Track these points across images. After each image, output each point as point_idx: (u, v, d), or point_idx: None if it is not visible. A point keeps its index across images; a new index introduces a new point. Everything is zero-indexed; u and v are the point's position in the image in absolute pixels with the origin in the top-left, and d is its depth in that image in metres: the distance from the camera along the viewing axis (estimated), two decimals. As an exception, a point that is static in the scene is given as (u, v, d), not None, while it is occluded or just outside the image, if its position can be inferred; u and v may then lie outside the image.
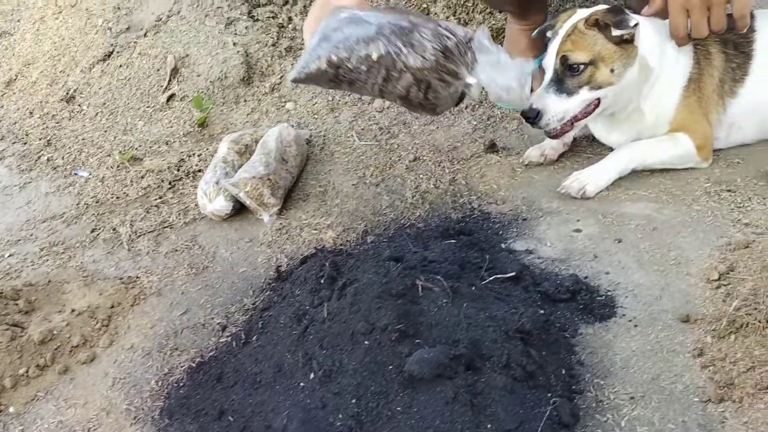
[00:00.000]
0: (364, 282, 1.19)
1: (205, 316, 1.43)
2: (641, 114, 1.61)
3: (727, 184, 1.54)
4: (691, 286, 1.28)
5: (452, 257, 1.36)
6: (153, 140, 2.11)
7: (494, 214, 1.58)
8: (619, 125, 1.65)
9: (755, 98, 1.60)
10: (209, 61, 2.22)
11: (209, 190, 1.66)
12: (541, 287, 1.31)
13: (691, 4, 1.44)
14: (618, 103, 1.57)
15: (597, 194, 1.57)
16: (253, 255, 1.57)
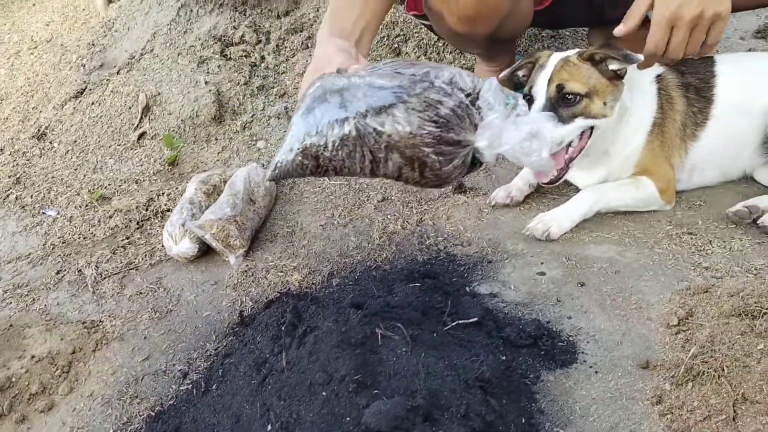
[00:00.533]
0: (323, 330, 1.18)
1: (166, 362, 1.41)
2: (609, 156, 1.63)
3: (688, 227, 1.56)
4: (652, 332, 1.29)
5: (416, 302, 1.36)
6: (123, 179, 2.10)
7: (460, 256, 1.59)
8: (588, 166, 1.67)
9: (716, 142, 1.63)
10: (181, 100, 2.23)
11: (175, 231, 1.65)
12: (504, 332, 1.31)
13: (682, 21, 1.38)
14: (605, 138, 1.58)
15: (561, 236, 1.58)
16: (218, 298, 1.56)
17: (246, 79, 2.30)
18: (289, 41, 2.39)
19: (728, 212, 1.54)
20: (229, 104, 2.24)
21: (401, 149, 1.11)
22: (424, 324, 1.27)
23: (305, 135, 1.12)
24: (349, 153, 1.12)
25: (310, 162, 1.14)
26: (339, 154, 1.11)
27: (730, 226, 1.54)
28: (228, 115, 2.22)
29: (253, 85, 2.29)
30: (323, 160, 1.13)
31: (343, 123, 1.10)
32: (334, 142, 1.11)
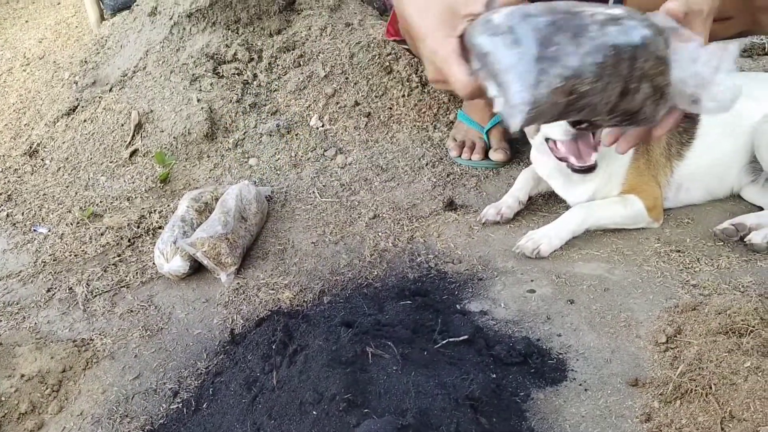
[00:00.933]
0: (314, 349, 1.18)
1: (157, 380, 1.41)
2: (595, 173, 1.65)
3: (676, 245, 1.57)
4: (641, 349, 1.30)
5: (406, 320, 1.36)
6: (114, 196, 2.10)
7: (450, 273, 1.60)
8: (577, 183, 1.68)
9: (702, 161, 1.65)
10: (173, 117, 2.24)
11: (166, 249, 1.65)
12: (494, 350, 1.31)
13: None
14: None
15: (551, 254, 1.59)
16: (209, 316, 1.56)
17: (238, 97, 2.31)
18: (281, 59, 2.41)
19: (716, 230, 1.56)
20: (221, 122, 2.25)
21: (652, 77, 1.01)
22: (414, 342, 1.27)
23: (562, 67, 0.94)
24: (605, 86, 0.98)
25: (563, 100, 0.97)
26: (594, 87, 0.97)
27: (717, 244, 1.56)
28: (220, 132, 2.23)
29: (245, 103, 2.30)
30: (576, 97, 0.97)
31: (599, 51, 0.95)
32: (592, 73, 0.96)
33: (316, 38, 2.45)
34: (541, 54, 0.93)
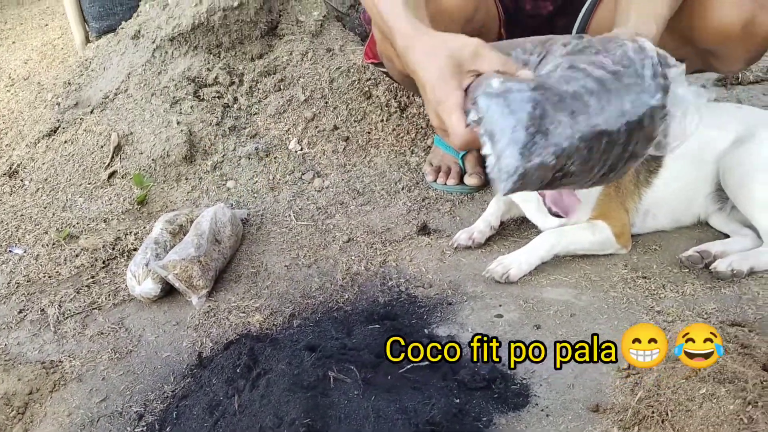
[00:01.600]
0: (277, 373, 1.19)
1: (123, 403, 1.41)
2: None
3: (643, 271, 1.59)
4: (603, 375, 1.31)
5: (373, 344, 1.37)
6: (91, 217, 2.11)
7: (420, 297, 1.61)
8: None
9: (669, 189, 1.68)
10: (152, 139, 2.25)
11: (138, 271, 1.66)
12: (459, 375, 1.32)
13: None
14: None
15: (520, 279, 1.61)
16: (179, 339, 1.57)
17: (218, 120, 2.33)
18: (262, 83, 2.43)
19: (681, 257, 1.58)
20: (200, 144, 2.27)
21: (639, 156, 1.06)
22: (379, 366, 1.28)
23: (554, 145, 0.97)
24: (593, 166, 1.03)
25: (551, 174, 1.00)
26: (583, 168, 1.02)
27: (683, 271, 1.58)
28: (199, 155, 2.25)
29: (225, 126, 2.32)
30: (563, 174, 1.01)
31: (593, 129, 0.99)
32: (582, 156, 1.00)
33: (297, 63, 2.48)
34: (536, 127, 0.96)
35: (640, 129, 1.02)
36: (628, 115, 1.00)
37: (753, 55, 1.59)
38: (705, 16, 1.48)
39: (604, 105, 0.99)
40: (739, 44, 1.52)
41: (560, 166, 0.98)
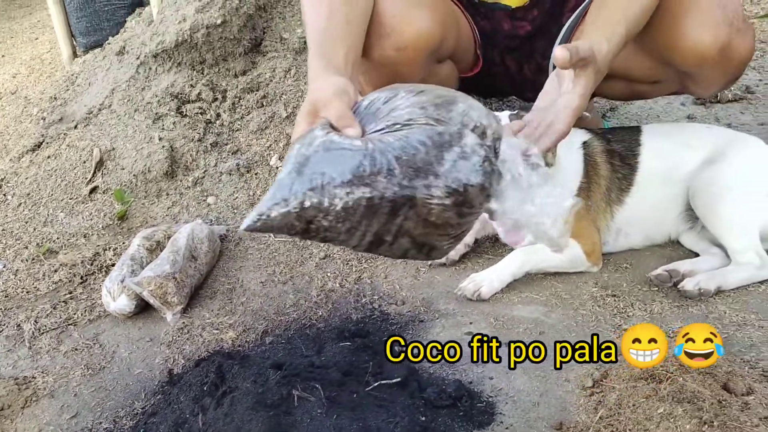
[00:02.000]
0: (242, 391, 1.20)
1: (93, 420, 1.41)
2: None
3: (612, 289, 1.61)
4: (568, 393, 1.32)
5: (341, 362, 1.38)
6: (72, 233, 2.12)
7: (393, 315, 1.62)
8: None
9: (640, 207, 1.70)
10: (134, 155, 2.27)
11: (113, 288, 1.67)
12: (425, 393, 1.33)
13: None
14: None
15: (492, 296, 1.62)
16: (152, 355, 1.58)
17: (200, 136, 2.35)
18: (244, 100, 2.45)
19: (650, 276, 1.60)
20: (182, 160, 2.28)
21: (413, 235, 0.98)
22: (345, 384, 1.29)
23: (307, 192, 0.93)
24: (349, 228, 0.95)
25: (301, 224, 0.94)
26: (338, 225, 0.95)
27: (652, 289, 1.59)
28: (180, 170, 2.26)
29: (206, 142, 2.34)
30: (317, 227, 0.95)
31: (355, 190, 0.93)
32: (338, 212, 0.93)
33: (280, 80, 2.50)
34: (296, 178, 0.94)
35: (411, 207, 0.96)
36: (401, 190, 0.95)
37: (729, 79, 1.61)
38: (682, 39, 1.50)
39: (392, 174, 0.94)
40: (716, 67, 1.54)
41: (309, 218, 0.94)
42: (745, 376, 1.27)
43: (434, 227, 0.98)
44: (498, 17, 1.84)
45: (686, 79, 1.63)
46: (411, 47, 1.60)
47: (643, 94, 1.79)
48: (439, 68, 1.80)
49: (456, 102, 1.02)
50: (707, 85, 1.65)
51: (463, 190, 0.96)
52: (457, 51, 1.79)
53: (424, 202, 0.95)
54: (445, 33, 1.68)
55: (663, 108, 2.63)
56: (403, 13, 1.59)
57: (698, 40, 1.49)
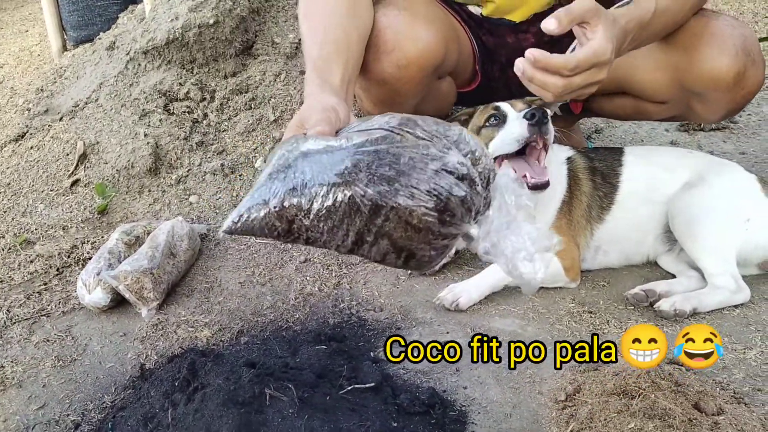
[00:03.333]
0: (213, 387, 1.19)
1: (61, 411, 1.39)
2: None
3: (589, 306, 1.62)
4: (541, 406, 1.32)
5: (316, 364, 1.38)
6: (50, 224, 2.10)
7: (370, 321, 1.62)
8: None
9: (620, 226, 1.72)
10: (118, 150, 2.26)
11: (89, 280, 1.65)
12: (399, 399, 1.33)
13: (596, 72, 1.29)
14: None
15: (469, 307, 1.63)
16: (124, 350, 1.56)
17: (186, 134, 2.34)
18: (233, 101, 2.45)
19: (627, 294, 1.61)
20: (166, 157, 2.27)
21: (394, 238, 0.98)
22: (318, 386, 1.28)
23: (287, 192, 0.94)
24: (331, 227, 0.96)
25: (283, 225, 0.96)
26: (320, 225, 0.96)
27: (628, 308, 1.61)
28: (164, 168, 2.25)
29: (192, 141, 2.33)
30: (298, 227, 0.96)
31: (336, 189, 0.95)
32: (319, 210, 0.95)
33: (270, 83, 2.50)
34: (276, 179, 0.96)
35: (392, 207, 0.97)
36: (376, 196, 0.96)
37: (735, 107, 1.65)
38: (702, 61, 1.56)
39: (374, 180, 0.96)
40: (727, 93, 1.59)
41: (290, 217, 0.95)
42: (716, 397, 1.28)
43: (415, 231, 0.99)
44: (502, 32, 1.86)
45: (694, 102, 1.66)
46: (414, 65, 1.61)
47: (646, 114, 1.82)
48: (438, 84, 1.81)
49: (452, 128, 1.05)
50: (713, 110, 1.67)
51: (445, 199, 0.98)
52: (457, 67, 1.80)
53: (406, 203, 0.96)
54: (447, 50, 1.69)
55: (647, 133, 2.66)
56: (407, 30, 1.59)
57: (717, 63, 1.54)
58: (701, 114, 1.71)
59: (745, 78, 1.56)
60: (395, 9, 1.59)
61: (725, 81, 1.55)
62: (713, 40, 1.55)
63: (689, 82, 1.60)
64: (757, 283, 1.65)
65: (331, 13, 1.42)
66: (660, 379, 1.27)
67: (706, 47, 1.55)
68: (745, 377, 1.36)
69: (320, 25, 1.40)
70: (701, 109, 1.68)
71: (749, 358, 1.42)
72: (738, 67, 1.54)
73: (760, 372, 1.37)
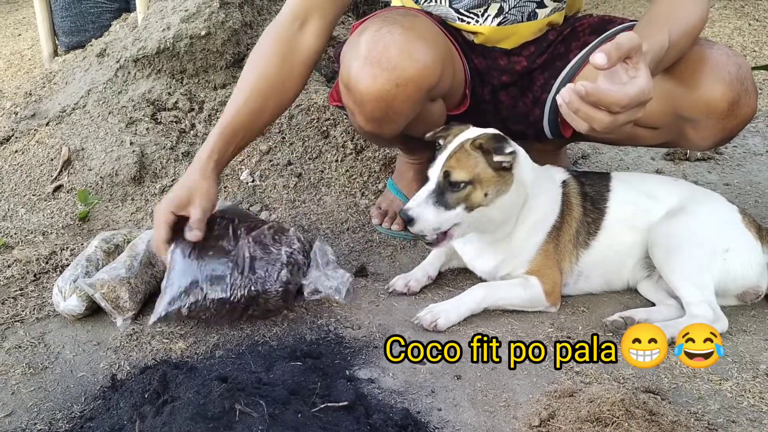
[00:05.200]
0: (183, 401, 1.17)
1: (28, 420, 1.37)
2: (509, 242, 1.69)
3: (568, 331, 1.61)
4: (515, 430, 1.31)
5: (290, 381, 1.36)
6: (30, 229, 2.08)
7: (348, 338, 1.61)
8: (486, 251, 1.72)
9: (604, 252, 1.72)
10: (103, 157, 2.24)
11: (65, 287, 1.63)
12: (372, 419, 1.31)
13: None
14: (486, 224, 1.65)
15: (448, 328, 1.62)
16: (97, 359, 1.54)
17: (173, 144, 2.33)
18: (221, 112, 2.44)
19: (606, 321, 1.61)
20: (151, 166, 2.26)
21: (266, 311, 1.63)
22: (290, 403, 1.26)
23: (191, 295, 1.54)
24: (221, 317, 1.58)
25: (188, 318, 1.59)
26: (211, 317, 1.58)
27: (606, 334, 1.60)
28: (148, 177, 2.24)
29: (178, 150, 2.32)
30: (198, 317, 1.58)
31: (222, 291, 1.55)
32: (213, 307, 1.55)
33: (259, 96, 2.50)
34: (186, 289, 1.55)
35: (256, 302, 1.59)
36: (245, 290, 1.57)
37: (727, 135, 1.67)
38: (697, 88, 1.58)
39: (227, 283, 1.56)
40: (721, 120, 1.61)
41: (195, 315, 1.57)
42: (690, 427, 1.28)
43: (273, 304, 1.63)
44: (494, 55, 1.89)
45: (687, 129, 1.67)
46: (412, 83, 1.62)
47: (638, 140, 1.82)
48: (431, 107, 1.81)
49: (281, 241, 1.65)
50: (705, 137, 1.68)
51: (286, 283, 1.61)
52: (449, 90, 1.81)
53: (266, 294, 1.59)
54: (444, 72, 1.70)
55: (633, 161, 2.68)
56: (408, 49, 1.61)
57: (712, 91, 1.57)
58: (693, 140, 1.72)
59: (739, 106, 1.58)
60: (400, 28, 1.61)
61: (720, 109, 1.58)
62: (708, 68, 1.58)
63: (684, 109, 1.62)
64: (735, 314, 1.65)
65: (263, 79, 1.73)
66: (634, 407, 1.27)
67: (701, 75, 1.57)
68: (720, 408, 1.36)
69: (240, 98, 1.73)
70: (694, 136, 1.69)
71: (725, 389, 1.41)
72: (732, 95, 1.57)
73: (735, 404, 1.37)
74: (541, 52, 1.88)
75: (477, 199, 1.58)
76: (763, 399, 1.38)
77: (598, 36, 1.82)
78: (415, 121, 1.76)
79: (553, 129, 1.91)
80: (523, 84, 1.94)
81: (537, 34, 1.87)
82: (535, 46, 1.87)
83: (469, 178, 1.57)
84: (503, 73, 1.91)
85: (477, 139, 1.60)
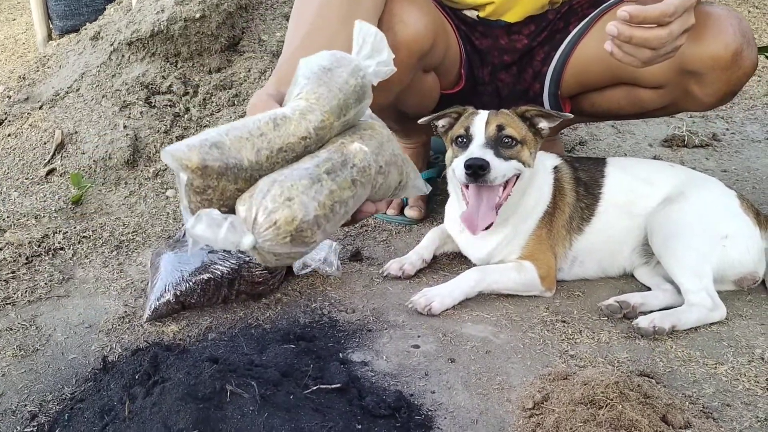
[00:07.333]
0: (174, 381, 1.16)
1: (19, 401, 1.36)
2: (503, 228, 1.68)
3: (563, 315, 1.60)
4: (508, 413, 1.30)
5: (282, 363, 1.35)
6: (23, 212, 2.06)
7: (342, 322, 1.60)
8: (480, 237, 1.70)
9: (598, 238, 1.71)
10: (96, 140, 2.23)
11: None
12: (364, 401, 1.30)
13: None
14: (521, 191, 1.65)
15: (442, 312, 1.61)
16: (89, 342, 1.52)
17: (167, 128, 2.31)
18: (216, 96, 2.43)
19: (601, 305, 1.60)
20: (145, 150, 2.24)
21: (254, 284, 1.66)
22: (282, 385, 1.26)
23: (176, 282, 1.58)
24: (209, 297, 1.61)
25: (178, 306, 1.60)
26: (200, 299, 1.61)
27: (602, 319, 1.59)
28: (142, 161, 2.22)
29: (172, 134, 2.30)
30: (188, 302, 1.60)
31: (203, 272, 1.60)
32: (198, 288, 1.59)
33: (255, 80, 2.48)
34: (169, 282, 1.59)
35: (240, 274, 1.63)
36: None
37: (731, 88, 1.68)
38: (702, 39, 1.60)
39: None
40: (724, 72, 1.63)
41: (183, 301, 1.60)
42: (684, 410, 1.27)
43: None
44: (495, 34, 1.88)
45: (692, 84, 1.67)
46: (404, 47, 1.61)
47: (640, 104, 1.81)
48: (424, 77, 1.81)
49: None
50: (710, 92, 1.69)
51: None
52: (443, 64, 1.81)
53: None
54: (436, 41, 1.70)
55: (631, 147, 2.66)
56: (400, 12, 1.62)
57: (716, 42, 1.60)
58: (698, 97, 1.71)
59: (742, 57, 1.61)
60: None
61: (725, 59, 1.60)
62: (711, 22, 1.60)
63: (689, 63, 1.63)
64: (732, 299, 1.64)
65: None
66: (628, 390, 1.26)
67: (705, 30, 1.59)
68: (715, 392, 1.35)
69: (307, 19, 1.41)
70: (699, 92, 1.69)
71: (720, 373, 1.41)
72: (736, 45, 1.59)
73: (730, 387, 1.36)
74: (541, 30, 1.88)
75: (525, 157, 1.61)
76: (759, 383, 1.38)
77: (596, 8, 1.83)
78: (408, 92, 1.75)
79: (553, 104, 1.91)
80: (522, 62, 1.93)
81: (539, 10, 1.86)
82: (535, 24, 1.87)
83: (519, 137, 1.61)
84: (504, 52, 1.91)
85: (519, 108, 1.66)
